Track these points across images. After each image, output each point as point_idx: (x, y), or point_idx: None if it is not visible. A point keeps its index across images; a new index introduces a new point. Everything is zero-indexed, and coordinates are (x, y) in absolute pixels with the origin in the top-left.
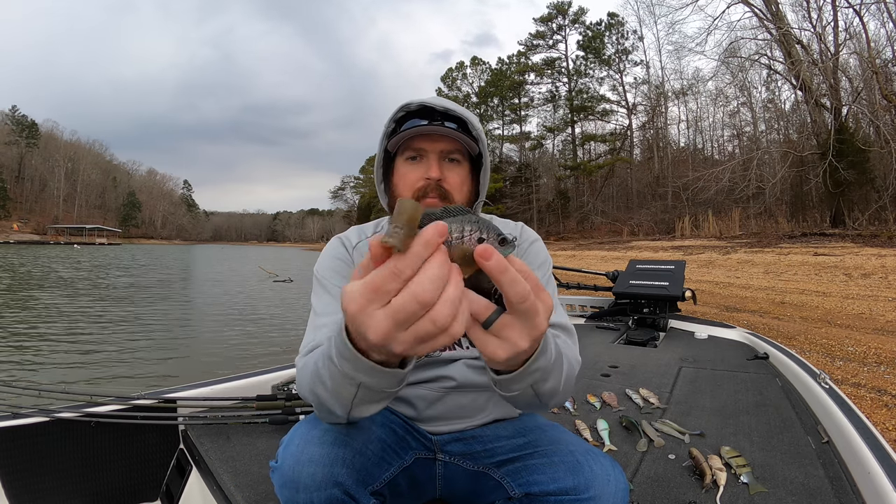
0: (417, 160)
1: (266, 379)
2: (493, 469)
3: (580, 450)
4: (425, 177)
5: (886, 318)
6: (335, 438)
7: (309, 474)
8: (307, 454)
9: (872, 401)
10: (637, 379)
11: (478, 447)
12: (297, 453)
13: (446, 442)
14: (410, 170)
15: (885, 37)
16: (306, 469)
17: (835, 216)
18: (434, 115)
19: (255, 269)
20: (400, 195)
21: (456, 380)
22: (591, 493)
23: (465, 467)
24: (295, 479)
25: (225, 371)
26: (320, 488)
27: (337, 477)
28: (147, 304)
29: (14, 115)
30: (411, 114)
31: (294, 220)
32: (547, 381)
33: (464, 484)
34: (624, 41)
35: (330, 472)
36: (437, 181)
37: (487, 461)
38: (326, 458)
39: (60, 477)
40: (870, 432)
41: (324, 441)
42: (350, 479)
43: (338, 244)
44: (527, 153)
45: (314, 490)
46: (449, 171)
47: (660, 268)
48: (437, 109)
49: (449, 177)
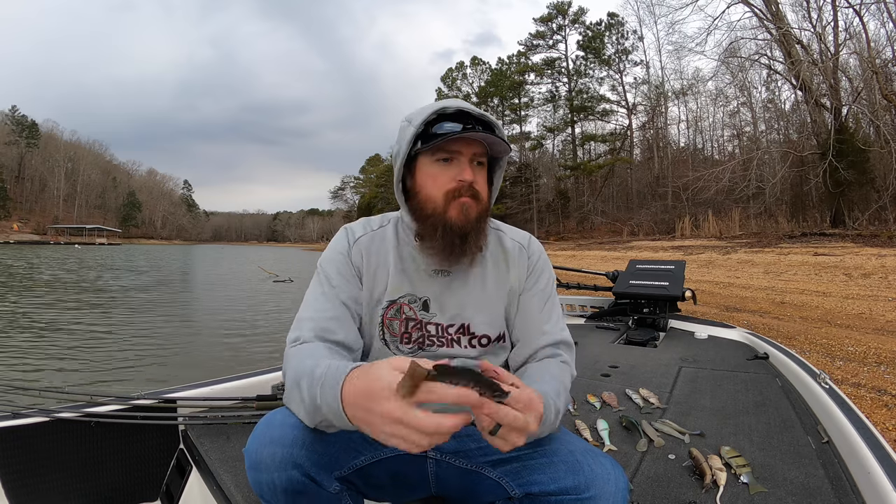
0: (449, 162)
1: (266, 379)
2: (488, 468)
3: (580, 449)
4: (458, 178)
5: (886, 318)
6: (296, 422)
7: (269, 454)
8: (269, 436)
9: (872, 401)
10: (637, 379)
11: (472, 445)
12: (260, 435)
13: None
14: (441, 171)
15: (885, 37)
16: (267, 450)
17: (835, 216)
18: (468, 119)
19: (255, 269)
20: (429, 196)
21: None
22: (592, 492)
23: (458, 465)
24: (258, 460)
25: (225, 371)
26: (280, 468)
27: (296, 458)
28: (147, 304)
29: (14, 115)
30: (443, 117)
31: (294, 221)
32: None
33: (458, 483)
34: (624, 41)
35: (290, 452)
36: (470, 183)
37: (481, 460)
38: (286, 440)
39: (60, 477)
40: (870, 432)
41: (285, 424)
42: (309, 461)
43: (342, 238)
44: (527, 153)
45: (274, 470)
46: (478, 174)
47: (660, 268)
48: (473, 114)
49: (478, 179)
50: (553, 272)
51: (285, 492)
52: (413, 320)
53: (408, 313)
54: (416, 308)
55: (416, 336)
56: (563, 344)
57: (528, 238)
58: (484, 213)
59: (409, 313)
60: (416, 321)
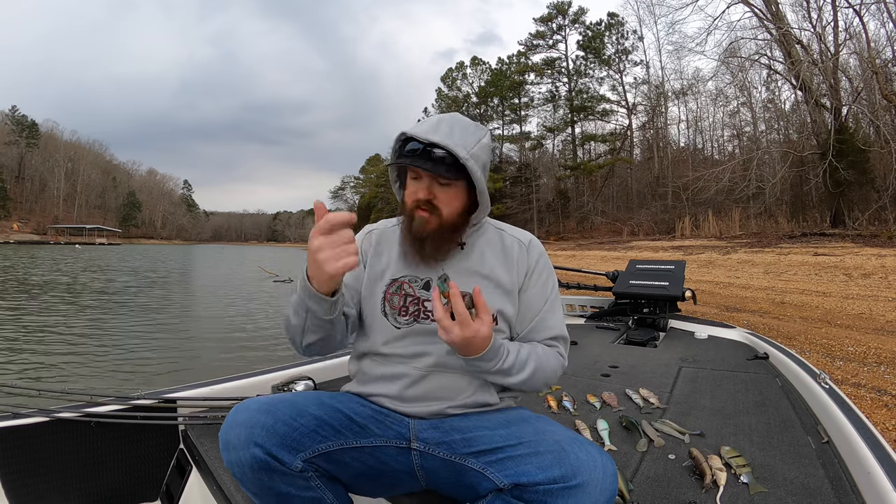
0: (417, 178)
1: (266, 379)
2: (470, 459)
3: (566, 439)
4: (414, 198)
5: (886, 318)
6: (259, 407)
7: (235, 435)
8: (236, 419)
9: (872, 401)
10: (637, 379)
11: (456, 436)
12: (231, 420)
13: (423, 429)
14: (412, 184)
15: (885, 37)
16: (234, 431)
17: (835, 216)
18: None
19: (255, 269)
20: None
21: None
22: (579, 479)
23: (441, 456)
24: (227, 440)
25: (225, 371)
26: (243, 447)
27: (255, 438)
28: (147, 304)
29: (14, 115)
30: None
31: (294, 220)
32: (509, 378)
33: (446, 475)
34: (624, 41)
35: (250, 433)
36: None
37: (464, 451)
38: (249, 422)
39: (60, 477)
40: (870, 432)
41: (249, 408)
42: (270, 441)
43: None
44: (527, 153)
45: (240, 449)
46: (440, 191)
47: (660, 268)
48: (421, 141)
49: (440, 195)
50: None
51: (252, 468)
52: (411, 296)
53: (407, 290)
54: (417, 287)
55: (413, 310)
56: (560, 338)
57: (528, 237)
58: (446, 225)
59: (409, 290)
60: (413, 297)
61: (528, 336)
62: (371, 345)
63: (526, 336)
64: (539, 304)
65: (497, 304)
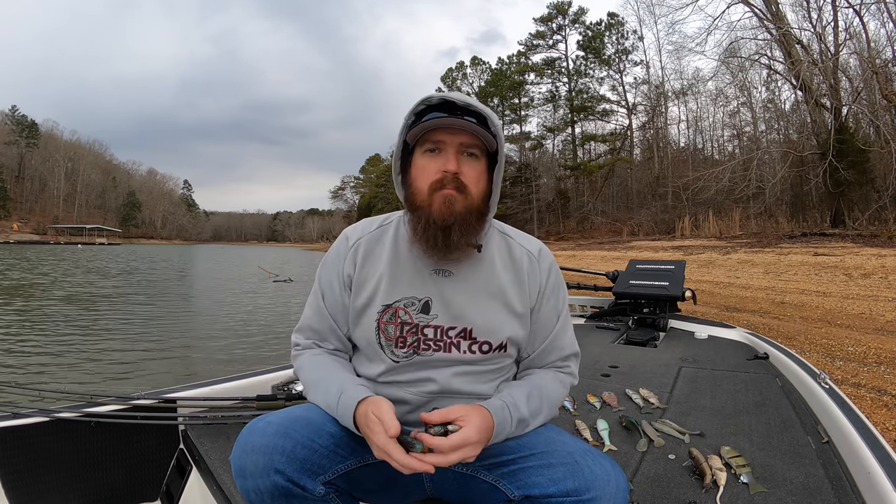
0: (436, 153)
1: (266, 379)
2: (483, 472)
3: (578, 451)
4: (443, 169)
5: (886, 318)
6: (276, 430)
7: (252, 462)
8: (251, 444)
9: (872, 401)
10: (637, 379)
11: None
12: (244, 444)
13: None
14: (429, 162)
15: (885, 37)
16: (250, 458)
17: (835, 216)
18: (454, 109)
19: (255, 269)
20: (418, 188)
21: (440, 385)
22: (592, 493)
23: (453, 469)
24: (242, 468)
25: (225, 371)
26: (263, 475)
27: (276, 464)
28: (147, 305)
29: (14, 115)
30: (431, 107)
31: (294, 220)
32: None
33: (455, 486)
34: (624, 41)
35: (269, 459)
36: (454, 174)
37: (475, 464)
38: (267, 448)
39: (60, 477)
40: (870, 432)
41: (266, 432)
42: (290, 467)
43: (339, 245)
44: (527, 153)
45: (259, 477)
46: (466, 165)
47: (660, 268)
48: (458, 104)
49: (466, 170)
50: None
51: (272, 496)
52: (409, 324)
53: (403, 317)
54: (414, 312)
55: (412, 340)
56: (572, 356)
57: (538, 248)
58: (474, 207)
59: (405, 317)
60: (411, 325)
61: (539, 357)
62: (368, 373)
63: (536, 357)
64: (552, 324)
65: (506, 331)
